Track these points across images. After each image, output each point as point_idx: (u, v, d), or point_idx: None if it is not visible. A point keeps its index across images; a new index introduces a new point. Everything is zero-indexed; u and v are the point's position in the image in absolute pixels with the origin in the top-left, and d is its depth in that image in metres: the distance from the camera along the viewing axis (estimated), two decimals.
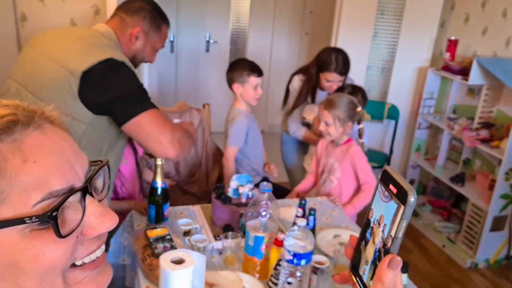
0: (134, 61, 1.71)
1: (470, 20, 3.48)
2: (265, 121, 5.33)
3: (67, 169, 0.49)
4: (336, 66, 2.54)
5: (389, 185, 0.55)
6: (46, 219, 0.45)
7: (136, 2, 1.72)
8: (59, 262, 0.48)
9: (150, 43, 1.71)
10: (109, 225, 0.51)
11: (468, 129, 3.11)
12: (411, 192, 0.52)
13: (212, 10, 4.71)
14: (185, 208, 1.97)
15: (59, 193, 0.47)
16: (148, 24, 1.68)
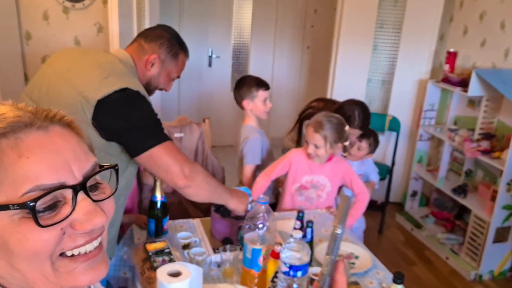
0: (149, 87, 1.69)
1: (468, 32, 3.52)
2: (267, 135, 5.34)
3: (60, 167, 0.54)
4: (358, 123, 2.50)
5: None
6: (26, 207, 0.51)
7: (156, 30, 1.73)
8: (43, 249, 0.53)
9: (166, 71, 1.70)
10: (95, 222, 0.56)
11: (469, 140, 3.12)
12: (336, 225, 0.52)
13: (214, 26, 4.78)
14: (185, 221, 1.99)
15: (47, 187, 0.52)
16: (165, 51, 1.67)
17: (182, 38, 1.77)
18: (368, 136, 2.62)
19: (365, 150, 2.66)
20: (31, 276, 0.55)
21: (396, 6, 3.70)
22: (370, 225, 3.69)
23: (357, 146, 2.62)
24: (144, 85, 1.62)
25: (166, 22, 4.58)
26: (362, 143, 2.61)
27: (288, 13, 4.95)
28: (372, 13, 3.65)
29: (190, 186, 1.54)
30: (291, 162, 2.23)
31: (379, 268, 1.75)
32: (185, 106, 4.91)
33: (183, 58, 1.77)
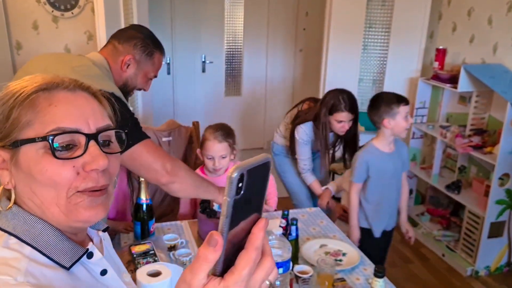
0: (126, 88, 1.71)
1: (457, 29, 3.53)
2: (263, 138, 5.36)
3: (79, 118, 0.69)
4: (346, 105, 2.49)
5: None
6: (46, 140, 0.66)
7: (129, 30, 1.73)
8: (59, 181, 0.67)
9: (142, 71, 1.70)
10: (100, 163, 0.68)
11: (460, 136, 3.12)
12: (231, 171, 0.50)
13: (206, 32, 4.81)
14: (173, 223, 1.99)
15: (66, 130, 0.67)
16: (140, 52, 1.67)
17: (156, 37, 1.76)
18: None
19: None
20: (47, 203, 0.68)
21: (384, 5, 3.71)
22: None
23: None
24: (121, 86, 1.64)
25: (158, 28, 4.60)
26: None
27: (279, 17, 4.97)
28: (360, 14, 3.67)
29: (173, 182, 1.55)
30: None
31: (367, 265, 1.75)
32: (180, 112, 4.92)
33: (159, 57, 1.75)
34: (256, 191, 0.54)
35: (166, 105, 4.84)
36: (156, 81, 4.75)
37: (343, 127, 2.54)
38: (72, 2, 3.12)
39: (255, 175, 0.52)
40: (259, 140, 5.34)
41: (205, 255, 0.49)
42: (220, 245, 0.49)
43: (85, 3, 3.16)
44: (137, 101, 3.25)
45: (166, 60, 4.75)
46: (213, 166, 2.07)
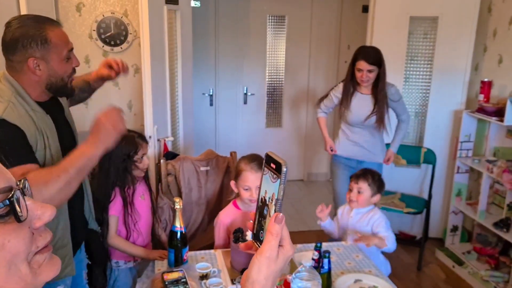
0: (58, 85, 1.55)
1: (503, 61, 3.43)
2: (304, 170, 5.34)
3: (3, 173, 0.59)
4: (364, 55, 2.86)
5: (271, 164, 0.69)
6: (7, 203, 0.55)
7: (7, 39, 1.48)
8: (21, 248, 0.58)
9: (52, 59, 1.50)
10: (50, 213, 0.62)
11: (508, 171, 2.98)
12: (283, 163, 0.67)
13: (249, 64, 4.93)
14: (207, 252, 2.01)
15: (2, 190, 0.57)
16: (34, 47, 1.46)
17: (37, 17, 1.52)
18: (364, 175, 2.37)
19: (367, 191, 2.33)
20: (9, 285, 0.57)
21: (426, 38, 3.68)
22: (408, 261, 3.55)
23: (356, 189, 2.35)
24: (51, 87, 1.54)
25: (203, 62, 4.77)
26: (359, 184, 2.34)
27: (321, 50, 5.03)
28: (402, 46, 3.65)
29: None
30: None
31: None
32: (221, 142, 5.01)
33: (54, 33, 1.50)
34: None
35: (208, 135, 4.95)
36: (199, 111, 4.89)
37: (361, 76, 2.89)
38: (122, 38, 3.32)
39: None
40: (299, 172, 5.32)
41: (276, 230, 0.67)
42: (283, 219, 0.68)
43: (133, 39, 3.34)
44: (179, 131, 3.35)
45: (209, 92, 4.89)
46: (250, 197, 2.09)
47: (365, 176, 2.34)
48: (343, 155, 3.15)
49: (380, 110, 2.97)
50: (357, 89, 3.03)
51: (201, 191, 2.49)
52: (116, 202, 2.10)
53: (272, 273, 0.68)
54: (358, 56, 2.91)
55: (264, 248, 0.67)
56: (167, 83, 3.05)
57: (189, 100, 3.52)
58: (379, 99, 2.96)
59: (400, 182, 3.81)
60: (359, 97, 3.02)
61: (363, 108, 3.00)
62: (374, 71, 2.89)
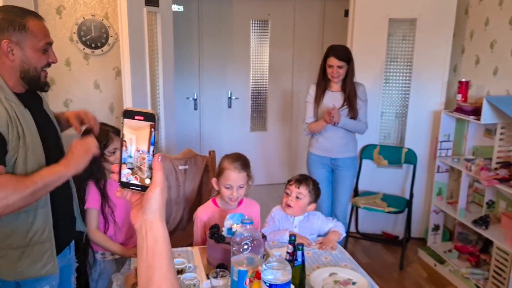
0: (30, 74, 1.55)
1: (480, 62, 3.49)
2: (288, 173, 5.35)
3: None
4: (334, 52, 2.99)
5: (135, 117, 0.78)
6: None
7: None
8: None
9: (27, 47, 1.50)
10: None
11: (485, 169, 3.03)
12: (155, 112, 0.79)
13: (233, 69, 4.95)
14: (183, 249, 2.01)
15: None
16: (10, 31, 1.47)
17: (18, 6, 1.55)
18: (306, 181, 2.27)
19: (306, 198, 2.23)
20: None
21: (404, 40, 3.74)
22: (390, 261, 3.58)
23: (295, 194, 2.22)
24: (23, 75, 1.54)
25: (186, 66, 4.78)
26: (300, 189, 2.22)
27: (304, 54, 5.07)
28: (381, 48, 3.70)
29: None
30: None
31: None
32: (206, 146, 5.01)
33: (34, 23, 1.52)
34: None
35: (193, 140, 4.94)
36: (183, 116, 4.88)
37: (332, 71, 3.02)
38: (103, 40, 3.32)
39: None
40: (284, 176, 5.33)
41: (161, 165, 0.82)
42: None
43: (114, 41, 3.35)
44: (160, 134, 3.35)
45: (193, 96, 4.90)
46: (231, 195, 2.09)
47: (306, 181, 2.24)
48: (317, 153, 3.21)
49: (350, 104, 3.08)
50: (328, 87, 3.15)
51: (180, 190, 2.49)
52: (91, 194, 2.12)
53: (164, 200, 0.81)
54: (329, 53, 3.03)
55: (156, 182, 0.79)
56: (147, 86, 3.05)
57: (171, 103, 3.52)
58: (348, 94, 3.08)
59: (382, 182, 3.85)
60: (330, 94, 3.14)
61: (333, 104, 3.09)
62: (344, 67, 3.02)
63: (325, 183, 3.23)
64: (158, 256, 0.78)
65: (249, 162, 2.18)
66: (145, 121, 0.78)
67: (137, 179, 0.81)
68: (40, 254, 1.57)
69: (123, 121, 0.79)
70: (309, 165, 3.30)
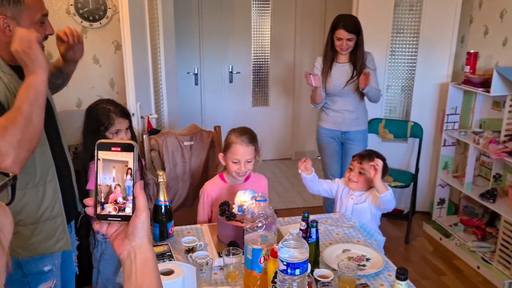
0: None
1: (489, 32, 3.41)
2: (291, 149, 5.31)
3: None
4: (343, 24, 2.88)
5: (111, 149, 0.78)
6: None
7: None
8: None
9: (24, 21, 1.45)
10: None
11: (494, 142, 2.98)
12: (132, 142, 0.79)
13: (234, 43, 4.84)
14: (193, 227, 1.97)
15: None
16: (4, 6, 1.41)
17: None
18: (369, 156, 2.22)
19: (369, 174, 2.16)
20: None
21: (412, 10, 3.64)
22: (396, 235, 3.57)
23: (357, 169, 2.22)
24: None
25: (186, 40, 4.68)
26: (363, 165, 2.20)
27: (306, 27, 4.95)
28: (387, 19, 3.60)
29: (8, 156, 1.26)
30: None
31: (391, 270, 1.67)
32: (207, 121, 4.94)
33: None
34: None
35: (194, 115, 4.87)
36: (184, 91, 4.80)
37: (341, 44, 2.93)
38: (101, 13, 3.21)
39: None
40: (287, 151, 5.29)
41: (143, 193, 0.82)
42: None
43: (113, 14, 3.24)
44: (163, 108, 3.28)
45: (193, 71, 4.81)
46: (238, 170, 2.05)
47: (370, 157, 2.20)
48: (328, 127, 3.16)
49: (360, 76, 2.98)
50: (335, 58, 3.07)
51: (186, 166, 2.45)
52: (93, 175, 2.06)
53: (149, 225, 0.84)
54: (337, 25, 2.93)
55: (141, 208, 0.80)
56: (149, 59, 2.96)
57: (173, 77, 3.44)
58: (358, 66, 3.00)
59: (387, 156, 3.72)
60: (338, 66, 3.07)
61: (342, 76, 3.03)
62: (353, 39, 2.94)
63: (336, 157, 3.19)
64: (148, 275, 0.80)
65: (257, 136, 2.13)
66: (123, 151, 0.78)
67: (116, 209, 0.80)
68: (53, 229, 1.54)
69: (98, 153, 0.78)
70: (319, 139, 3.25)
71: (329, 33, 3.02)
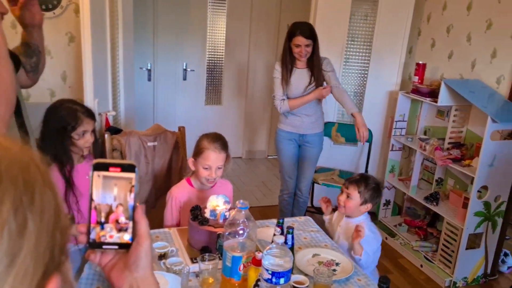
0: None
1: (436, 45, 3.63)
2: (242, 148, 5.34)
3: None
4: (301, 31, 2.92)
5: (109, 169, 0.71)
6: None
7: None
8: None
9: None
10: None
11: (439, 149, 3.19)
12: (133, 163, 0.72)
13: (188, 40, 4.77)
14: (161, 231, 1.94)
15: None
16: None
17: None
18: (357, 181, 2.16)
19: (356, 199, 2.12)
20: None
21: (366, 20, 3.79)
22: None
23: (346, 194, 2.16)
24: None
25: (141, 35, 4.54)
26: (349, 190, 2.15)
27: (261, 28, 4.99)
28: (343, 27, 3.73)
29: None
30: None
31: (360, 275, 1.75)
32: (160, 119, 4.84)
33: None
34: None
35: (146, 111, 4.75)
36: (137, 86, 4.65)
37: (300, 51, 2.97)
38: (54, 2, 3.04)
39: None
40: (238, 150, 5.32)
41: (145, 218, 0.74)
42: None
43: (68, 4, 3.08)
44: (120, 105, 3.18)
45: (147, 66, 4.68)
46: (208, 177, 2.04)
47: (358, 182, 2.13)
48: (286, 129, 3.22)
49: (318, 81, 3.09)
50: (294, 64, 3.12)
51: (149, 167, 2.39)
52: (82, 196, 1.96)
53: (152, 252, 0.75)
54: (294, 32, 2.97)
55: (144, 235, 0.72)
56: (108, 54, 2.86)
57: (130, 72, 3.34)
58: (315, 71, 3.08)
59: (338, 159, 3.95)
60: (297, 72, 3.12)
61: (302, 82, 3.10)
62: (311, 45, 3.00)
63: (293, 159, 3.26)
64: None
65: (227, 143, 2.13)
66: (123, 172, 0.72)
67: (112, 237, 0.73)
68: None
69: (93, 174, 0.71)
70: (277, 141, 3.30)
71: (286, 41, 3.05)
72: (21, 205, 0.41)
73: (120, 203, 0.72)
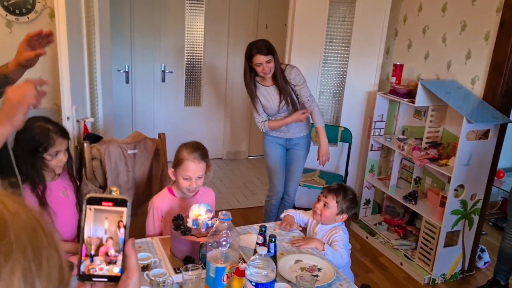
0: None
1: (413, 46, 3.69)
2: (223, 149, 5.33)
3: None
4: (257, 50, 2.86)
5: (101, 204, 0.72)
6: None
7: None
8: None
9: None
10: None
11: (417, 149, 3.25)
12: (125, 198, 0.72)
13: (166, 41, 4.73)
14: (143, 241, 1.92)
15: None
16: None
17: None
18: (335, 191, 2.17)
19: (333, 208, 2.15)
20: None
21: (344, 21, 3.82)
22: None
23: (323, 202, 2.17)
24: None
25: (118, 36, 4.48)
26: (327, 198, 2.16)
27: (239, 29, 4.98)
28: (321, 28, 3.75)
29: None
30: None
31: (342, 280, 1.77)
32: (139, 121, 4.80)
33: None
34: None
35: (125, 115, 4.70)
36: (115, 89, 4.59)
37: (263, 69, 2.90)
38: (28, 6, 2.97)
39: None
40: (218, 151, 5.31)
41: (135, 251, 0.73)
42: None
43: (42, 8, 3.02)
44: (98, 111, 3.13)
45: (124, 68, 4.63)
46: (189, 187, 2.03)
47: (336, 192, 2.15)
48: (273, 135, 3.22)
49: (287, 96, 3.02)
50: (259, 83, 3.06)
51: (129, 175, 2.37)
52: (26, 201, 1.91)
53: (140, 285, 0.76)
54: (252, 52, 2.89)
55: (134, 268, 0.73)
56: (85, 58, 2.81)
57: (108, 77, 3.30)
58: (282, 86, 3.01)
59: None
60: (264, 90, 3.06)
61: (272, 99, 3.05)
62: (272, 60, 2.91)
63: (281, 162, 3.27)
64: None
65: (207, 151, 2.12)
66: (115, 206, 0.73)
67: (102, 269, 0.73)
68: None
69: (86, 208, 0.73)
70: (265, 144, 3.28)
71: (246, 63, 2.98)
72: (30, 273, 0.44)
73: (110, 236, 0.73)
